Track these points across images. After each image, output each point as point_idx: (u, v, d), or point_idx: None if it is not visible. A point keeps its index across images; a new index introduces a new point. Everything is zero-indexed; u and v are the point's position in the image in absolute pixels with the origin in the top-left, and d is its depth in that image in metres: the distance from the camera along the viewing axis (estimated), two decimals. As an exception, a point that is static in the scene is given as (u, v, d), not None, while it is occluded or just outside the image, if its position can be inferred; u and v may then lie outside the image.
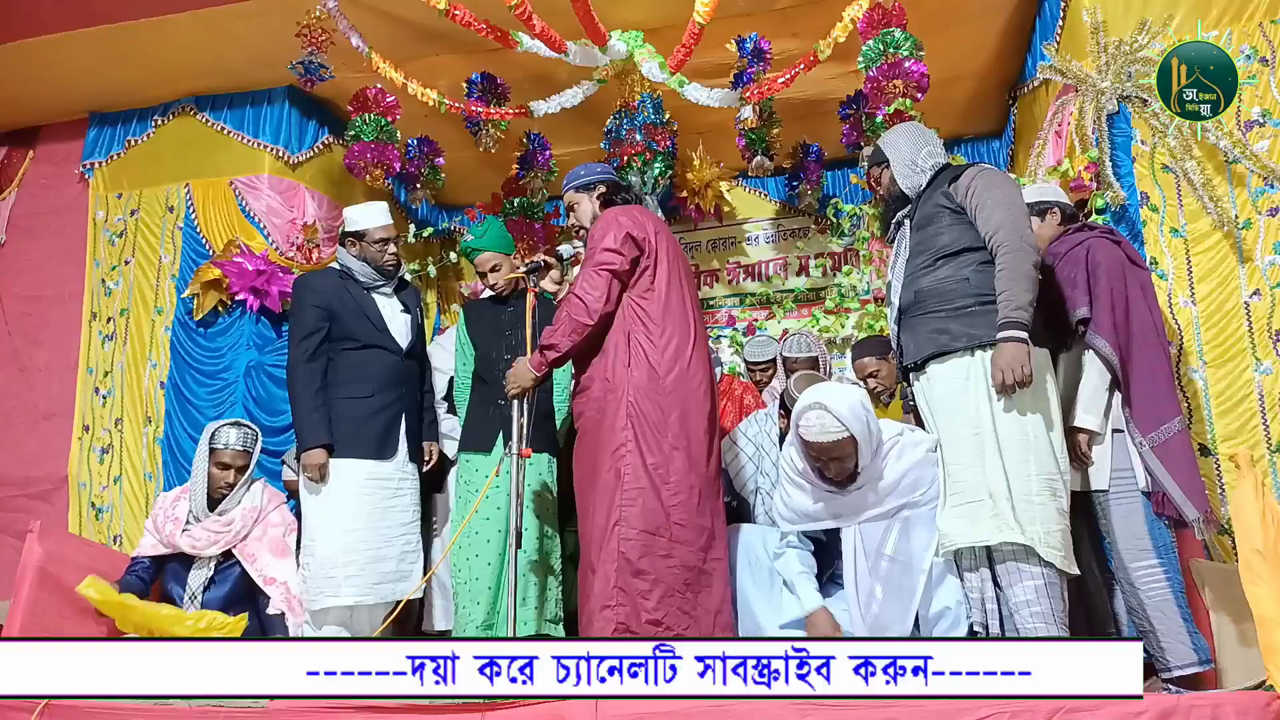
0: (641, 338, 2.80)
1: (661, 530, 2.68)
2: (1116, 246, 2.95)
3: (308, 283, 3.49)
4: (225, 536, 3.30)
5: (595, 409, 2.82)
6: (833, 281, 5.37)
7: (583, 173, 3.10)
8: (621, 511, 2.67)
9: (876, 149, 3.09)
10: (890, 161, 2.99)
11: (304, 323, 3.37)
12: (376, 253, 3.46)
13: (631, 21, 4.21)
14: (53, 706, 2.38)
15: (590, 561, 2.74)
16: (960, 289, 2.70)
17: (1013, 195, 2.74)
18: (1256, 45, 3.52)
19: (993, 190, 2.71)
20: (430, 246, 5.64)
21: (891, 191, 3.01)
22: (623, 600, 2.61)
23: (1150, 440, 2.73)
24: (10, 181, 5.10)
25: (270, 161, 4.70)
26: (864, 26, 3.82)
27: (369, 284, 3.46)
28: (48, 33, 4.29)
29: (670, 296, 2.88)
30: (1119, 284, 2.84)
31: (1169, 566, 2.69)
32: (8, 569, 3.35)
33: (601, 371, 2.82)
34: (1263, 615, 2.29)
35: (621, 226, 2.87)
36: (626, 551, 2.64)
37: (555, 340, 2.82)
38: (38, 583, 2.99)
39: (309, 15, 4.01)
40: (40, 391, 4.78)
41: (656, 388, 2.76)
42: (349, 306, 3.39)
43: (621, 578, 2.62)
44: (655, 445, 2.72)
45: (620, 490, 2.69)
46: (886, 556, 2.73)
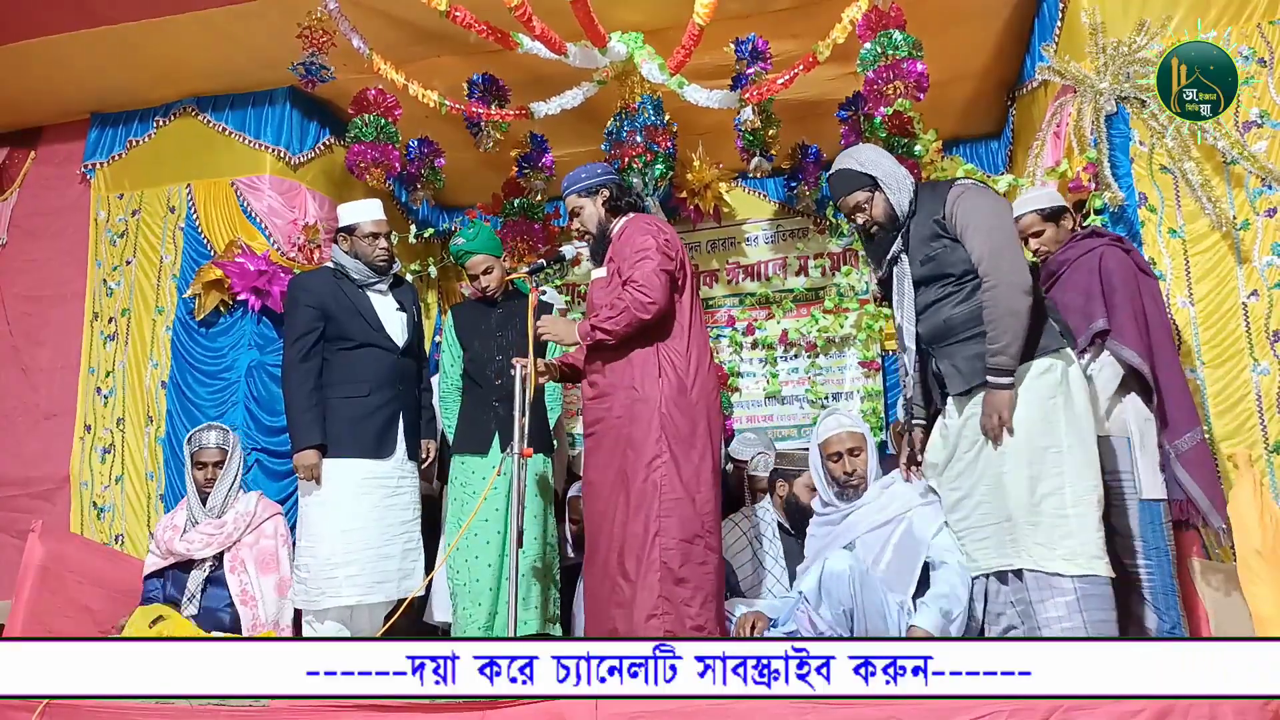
0: (668, 349, 2.85)
1: (697, 539, 2.76)
2: (1127, 255, 2.97)
3: (301, 283, 3.48)
4: (218, 538, 3.33)
5: (622, 417, 2.83)
6: (831, 281, 5.38)
7: (584, 175, 3.06)
8: (661, 523, 2.72)
9: (855, 174, 2.76)
10: (880, 181, 2.74)
11: (298, 323, 3.37)
12: (367, 247, 3.43)
13: (631, 23, 4.22)
14: (53, 706, 2.38)
15: (623, 568, 2.75)
16: None
17: (995, 220, 2.60)
18: (1255, 46, 3.52)
19: (974, 216, 2.61)
20: (430, 247, 5.65)
21: (887, 216, 2.75)
22: (668, 609, 2.67)
23: (1175, 449, 2.74)
24: (12, 182, 5.10)
25: (271, 162, 4.71)
26: (863, 28, 3.82)
27: (363, 281, 3.45)
28: (49, 34, 4.30)
29: (693, 310, 2.95)
30: (1135, 294, 2.85)
31: (1157, 570, 2.70)
32: (9, 569, 3.37)
33: (628, 380, 2.84)
34: (1261, 615, 2.30)
35: (666, 238, 2.92)
36: (668, 561, 2.70)
37: (611, 327, 2.81)
38: (39, 582, 3.00)
39: (310, 16, 4.01)
40: (42, 391, 4.78)
41: (685, 399, 2.81)
42: (343, 305, 3.38)
43: (665, 587, 2.69)
44: (686, 456, 2.78)
45: (659, 501, 2.73)
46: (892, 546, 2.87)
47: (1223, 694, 1.94)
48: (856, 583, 2.68)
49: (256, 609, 3.29)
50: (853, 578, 2.68)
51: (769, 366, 5.38)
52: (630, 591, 2.71)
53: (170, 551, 3.33)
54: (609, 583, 2.78)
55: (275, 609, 3.32)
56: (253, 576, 3.32)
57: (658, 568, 2.69)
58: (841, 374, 5.25)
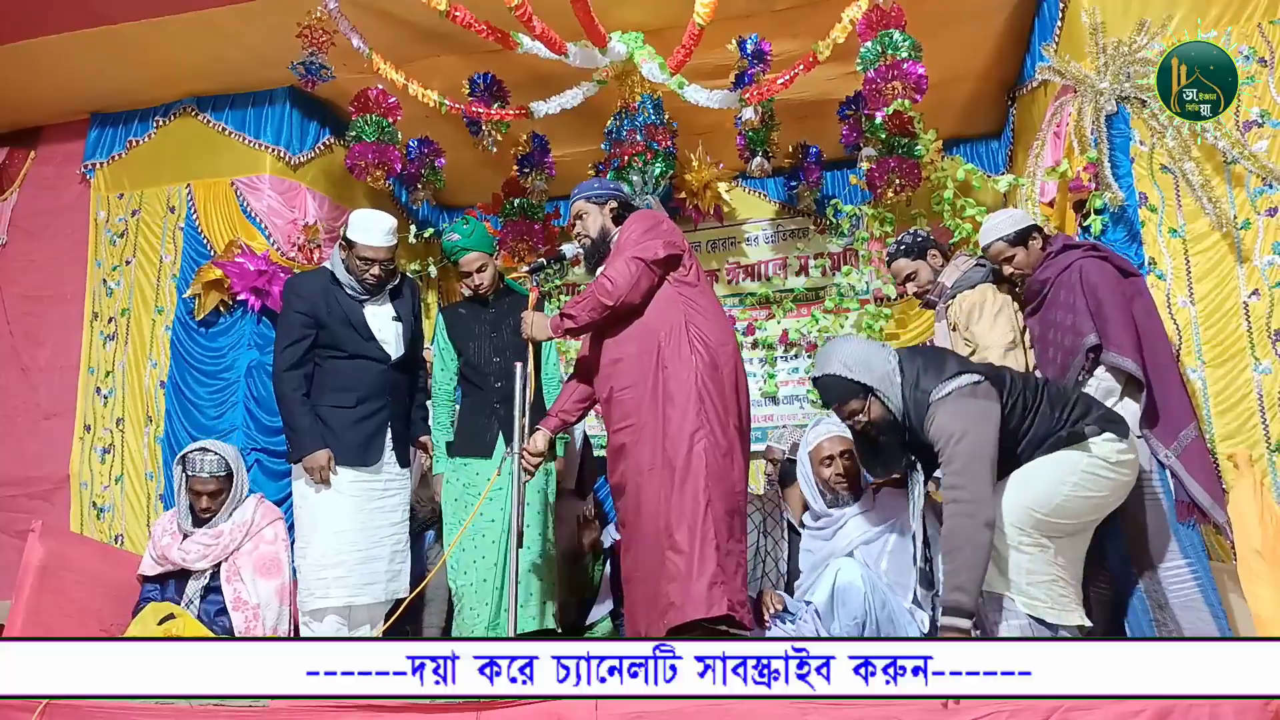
0: (698, 324, 2.84)
1: (735, 514, 2.74)
2: (1105, 262, 2.95)
3: (295, 287, 3.40)
4: (214, 550, 3.28)
5: (654, 395, 2.80)
6: (832, 281, 5.38)
7: (597, 186, 3.10)
8: (709, 494, 2.68)
9: (845, 383, 2.57)
10: (875, 390, 2.56)
11: (288, 329, 3.32)
12: (359, 267, 3.32)
13: (631, 23, 4.22)
14: (53, 706, 2.37)
15: (673, 541, 2.66)
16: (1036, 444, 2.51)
17: (969, 444, 2.38)
18: (1255, 46, 3.52)
19: (950, 441, 2.41)
20: (430, 247, 5.64)
21: (886, 421, 2.58)
22: (724, 579, 2.63)
23: (1173, 450, 2.73)
24: (12, 182, 5.10)
25: (271, 162, 4.71)
26: (863, 27, 3.82)
27: (355, 295, 3.37)
28: (49, 33, 4.30)
29: (708, 288, 2.97)
30: (1122, 300, 2.84)
31: (1198, 567, 2.67)
32: (8, 569, 3.36)
33: (660, 358, 2.81)
34: (1261, 614, 2.30)
35: (662, 226, 2.93)
36: (718, 534, 2.66)
37: (575, 312, 2.82)
38: (39, 582, 3.00)
39: (310, 16, 4.02)
40: (41, 391, 4.79)
41: (717, 374, 2.80)
42: (335, 315, 3.31)
43: (720, 557, 2.65)
44: (723, 430, 2.76)
45: (706, 473, 2.70)
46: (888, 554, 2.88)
47: (1223, 694, 1.94)
48: (870, 592, 2.68)
49: (250, 615, 3.25)
50: (867, 590, 2.69)
51: (769, 366, 5.38)
52: (684, 563, 2.64)
53: (165, 558, 3.30)
54: (656, 557, 2.71)
55: (275, 615, 3.29)
56: (248, 583, 3.27)
57: (712, 537, 2.64)
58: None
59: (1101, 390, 2.82)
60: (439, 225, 5.74)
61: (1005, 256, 3.13)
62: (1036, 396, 2.52)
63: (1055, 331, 2.96)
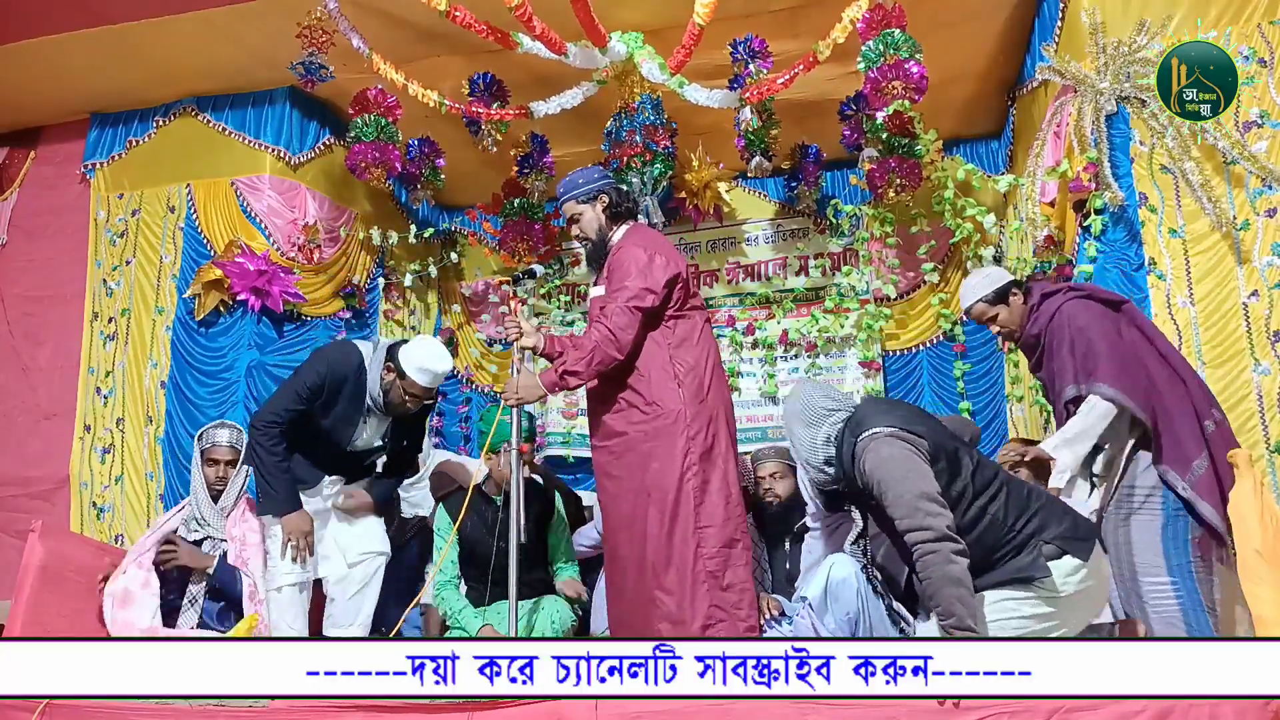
0: (684, 356, 2.86)
1: (735, 541, 2.79)
2: (1089, 299, 2.91)
3: (329, 361, 3.25)
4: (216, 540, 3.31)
5: (643, 429, 2.81)
6: (832, 281, 5.37)
7: (581, 181, 3.04)
8: (700, 534, 2.74)
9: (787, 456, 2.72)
10: (793, 464, 2.68)
11: (295, 393, 3.20)
12: (398, 396, 3.19)
13: (631, 23, 4.22)
14: (53, 706, 2.37)
15: (660, 582, 2.73)
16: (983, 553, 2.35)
17: (901, 488, 2.30)
18: (1255, 46, 3.53)
19: (883, 488, 2.34)
20: (430, 247, 5.65)
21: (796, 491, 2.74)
22: (721, 616, 2.70)
23: (1188, 482, 2.73)
24: (12, 182, 5.11)
25: (271, 162, 4.71)
26: (863, 27, 3.82)
27: (370, 407, 3.27)
28: (49, 33, 4.31)
29: (698, 316, 2.97)
30: (1114, 337, 2.81)
31: (1182, 586, 2.68)
32: (8, 569, 3.35)
33: (646, 393, 2.83)
34: (1261, 615, 2.30)
35: (664, 269, 2.86)
36: (714, 571, 2.73)
37: (581, 369, 2.79)
38: (39, 582, 2.99)
39: (310, 16, 4.02)
40: (42, 391, 4.79)
41: (704, 405, 2.83)
42: (337, 415, 3.23)
43: (714, 595, 2.72)
44: (713, 463, 2.80)
45: (696, 513, 2.75)
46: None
47: (1223, 694, 1.94)
48: (863, 588, 2.68)
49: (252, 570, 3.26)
50: (859, 586, 2.69)
51: (769, 366, 5.38)
52: (675, 605, 2.70)
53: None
54: (644, 594, 2.76)
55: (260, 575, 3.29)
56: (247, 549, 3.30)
57: (704, 578, 2.71)
58: (842, 374, 5.25)
59: (1089, 418, 2.78)
60: (439, 225, 5.75)
61: (989, 316, 3.08)
62: (989, 484, 2.37)
63: (1059, 381, 2.92)
